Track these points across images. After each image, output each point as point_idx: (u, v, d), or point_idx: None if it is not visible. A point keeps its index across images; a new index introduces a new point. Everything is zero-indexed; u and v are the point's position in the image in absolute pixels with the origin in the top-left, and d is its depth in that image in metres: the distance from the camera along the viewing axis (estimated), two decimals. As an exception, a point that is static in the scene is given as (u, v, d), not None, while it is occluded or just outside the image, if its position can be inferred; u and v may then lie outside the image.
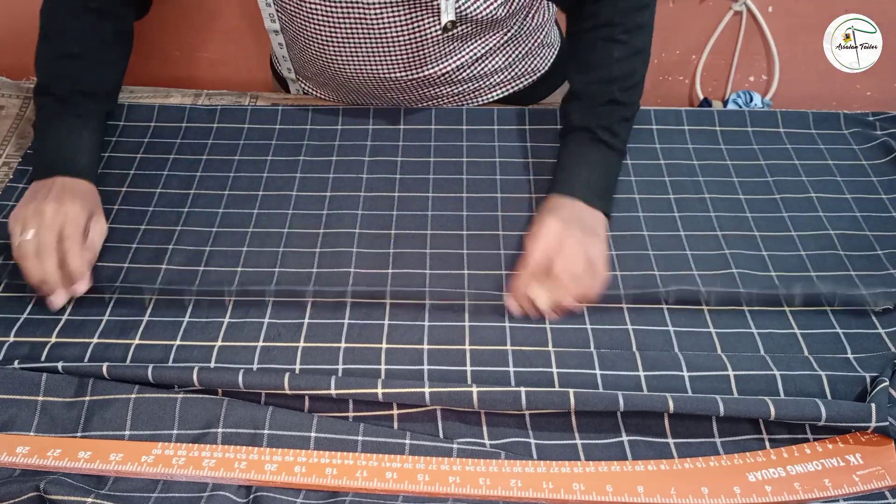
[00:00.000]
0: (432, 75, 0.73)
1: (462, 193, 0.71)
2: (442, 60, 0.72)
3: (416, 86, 0.75)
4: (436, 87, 0.76)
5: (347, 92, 0.79)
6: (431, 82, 0.75)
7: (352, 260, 0.65)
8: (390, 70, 0.72)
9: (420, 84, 0.75)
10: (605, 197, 0.66)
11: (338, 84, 0.77)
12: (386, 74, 0.72)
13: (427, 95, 0.78)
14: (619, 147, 0.67)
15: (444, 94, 0.78)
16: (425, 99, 0.79)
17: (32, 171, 0.67)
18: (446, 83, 0.76)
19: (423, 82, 0.74)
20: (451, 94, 0.79)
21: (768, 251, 0.66)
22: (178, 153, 0.75)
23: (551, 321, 0.60)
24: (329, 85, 0.79)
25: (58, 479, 0.48)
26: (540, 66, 0.82)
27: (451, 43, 0.70)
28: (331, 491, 0.50)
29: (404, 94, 0.77)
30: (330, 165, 0.74)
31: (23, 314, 0.60)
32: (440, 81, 0.75)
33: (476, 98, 0.80)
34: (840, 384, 0.55)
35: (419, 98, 0.78)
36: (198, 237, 0.67)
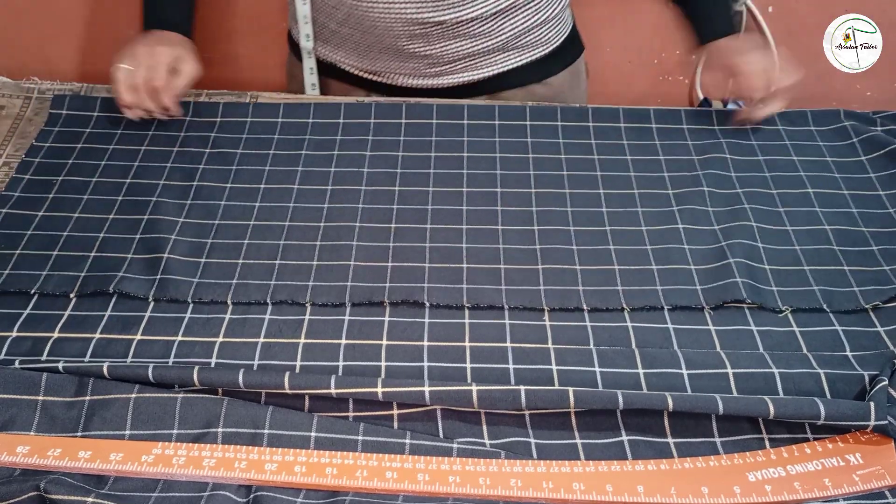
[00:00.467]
0: (457, 19, 0.74)
1: (462, 188, 0.71)
2: (468, 3, 0.73)
3: (439, 35, 0.75)
4: (457, 40, 0.76)
5: (368, 48, 0.79)
6: (454, 32, 0.75)
7: (352, 253, 0.65)
8: (418, 10, 0.72)
9: (443, 33, 0.75)
10: None
11: (361, 34, 0.77)
12: (412, 15, 0.73)
13: (447, 53, 0.78)
14: None
15: (463, 52, 0.78)
16: (444, 58, 0.78)
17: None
18: (467, 36, 0.76)
19: (447, 30, 0.75)
20: (469, 53, 0.78)
21: (764, 244, 0.66)
22: (181, 146, 0.76)
23: (551, 320, 0.60)
24: (349, 41, 0.80)
25: (58, 479, 0.48)
26: (555, 38, 0.83)
27: None
28: (331, 491, 0.50)
29: (426, 43, 0.77)
30: (331, 159, 0.74)
31: (26, 310, 0.61)
32: (462, 33, 0.76)
33: (493, 63, 0.80)
34: (839, 382, 0.55)
35: (438, 57, 0.78)
36: (200, 229, 0.67)
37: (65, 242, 0.66)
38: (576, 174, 0.73)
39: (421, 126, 0.77)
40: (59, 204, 0.70)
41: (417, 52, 0.78)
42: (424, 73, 0.81)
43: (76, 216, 0.69)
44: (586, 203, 0.70)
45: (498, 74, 0.81)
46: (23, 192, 0.71)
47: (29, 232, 0.67)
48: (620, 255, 0.65)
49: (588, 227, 0.68)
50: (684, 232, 0.67)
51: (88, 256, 0.65)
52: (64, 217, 0.68)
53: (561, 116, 0.78)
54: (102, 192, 0.71)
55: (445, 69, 0.80)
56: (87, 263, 0.64)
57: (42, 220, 0.68)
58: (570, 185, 0.72)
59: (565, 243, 0.66)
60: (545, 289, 0.62)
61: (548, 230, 0.68)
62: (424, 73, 0.81)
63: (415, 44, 0.77)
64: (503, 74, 0.81)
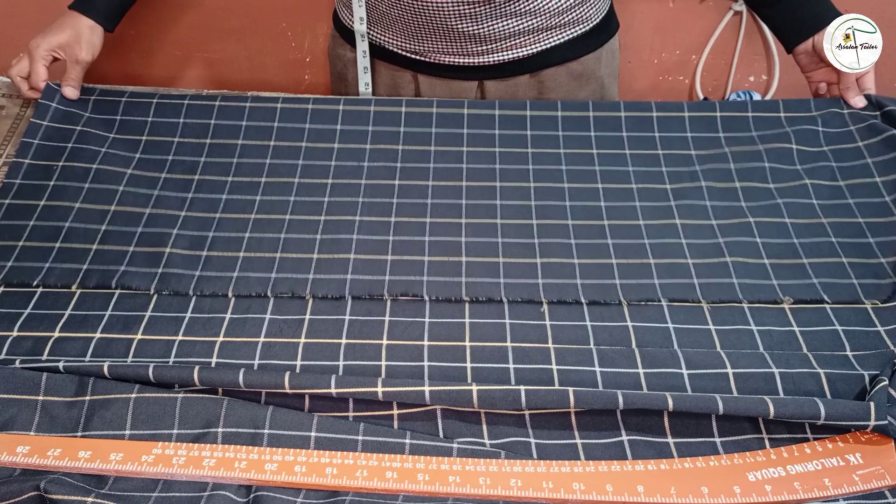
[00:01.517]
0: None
1: (462, 182, 0.72)
2: None
3: (487, 14, 0.76)
4: (504, 19, 0.77)
5: (416, 29, 0.80)
6: (501, 10, 0.76)
7: (352, 246, 0.66)
8: None
9: (492, 12, 0.76)
10: None
11: (410, 15, 0.78)
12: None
13: (494, 32, 0.78)
14: None
15: (509, 30, 0.78)
16: (490, 37, 0.79)
17: None
18: (514, 14, 0.77)
19: (495, 9, 0.75)
20: (515, 31, 0.79)
21: (762, 238, 0.66)
22: (182, 138, 0.76)
23: (551, 319, 0.60)
24: (398, 23, 0.80)
25: (58, 479, 0.48)
26: (595, 16, 0.83)
27: None
28: (331, 490, 0.50)
29: (474, 22, 0.77)
30: (332, 153, 0.74)
31: (26, 309, 0.61)
32: (510, 11, 0.76)
33: (535, 41, 0.81)
34: (839, 382, 0.55)
35: (485, 36, 0.79)
36: (201, 222, 0.68)
37: (66, 235, 0.66)
38: (575, 168, 0.73)
39: (421, 118, 0.78)
40: (61, 192, 0.70)
41: (465, 31, 0.78)
42: (470, 51, 0.81)
43: (78, 206, 0.69)
44: (585, 197, 0.70)
45: (539, 52, 0.82)
46: (24, 180, 0.71)
47: (31, 223, 0.67)
48: (618, 248, 0.66)
49: (586, 221, 0.68)
50: (682, 227, 0.68)
51: (90, 249, 0.65)
52: (65, 207, 0.69)
53: (561, 108, 0.78)
54: (104, 180, 0.71)
55: (490, 48, 0.81)
56: (89, 256, 0.65)
57: (43, 210, 0.68)
58: (569, 180, 0.72)
59: (563, 237, 0.67)
60: (543, 282, 0.63)
61: (546, 224, 0.68)
62: (470, 51, 0.81)
63: (463, 23, 0.77)
64: (544, 52, 0.82)
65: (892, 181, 0.71)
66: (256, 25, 1.16)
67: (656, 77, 1.27)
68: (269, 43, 1.18)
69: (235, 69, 1.21)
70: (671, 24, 1.20)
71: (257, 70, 1.20)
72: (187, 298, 0.62)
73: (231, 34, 1.17)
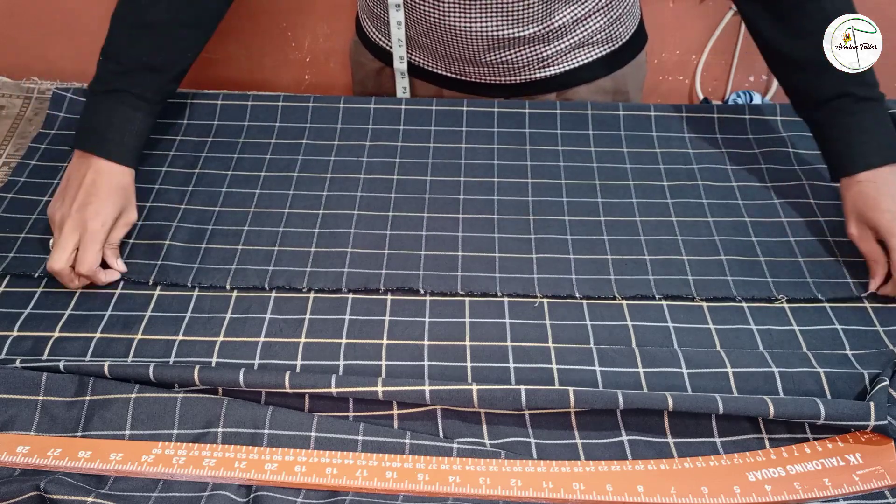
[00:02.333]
0: (536, 33, 0.74)
1: (459, 178, 0.72)
2: (547, 19, 0.73)
3: (516, 44, 0.76)
4: (533, 46, 0.77)
5: (445, 56, 0.80)
6: (531, 40, 0.76)
7: (349, 240, 0.66)
8: (498, 27, 0.73)
9: (520, 42, 0.76)
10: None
11: (440, 45, 0.78)
12: (493, 32, 0.74)
13: (522, 58, 0.78)
14: (879, 96, 0.65)
15: (538, 56, 0.78)
16: (519, 62, 0.79)
17: (76, 138, 0.65)
18: (543, 41, 0.76)
19: (525, 40, 0.75)
20: (544, 56, 0.79)
21: (757, 237, 0.67)
22: (183, 134, 0.76)
23: (551, 318, 0.60)
24: (427, 49, 0.80)
25: (58, 479, 0.48)
26: (625, 34, 0.82)
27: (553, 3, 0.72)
28: (331, 490, 0.50)
29: (504, 52, 0.77)
30: (331, 148, 0.75)
31: (26, 309, 0.61)
32: (539, 41, 0.76)
33: (564, 60, 0.80)
34: (839, 381, 0.55)
35: (514, 62, 0.78)
36: (200, 215, 0.68)
37: None
38: (572, 165, 0.74)
39: (420, 115, 0.78)
40: None
41: (495, 60, 0.78)
42: (498, 73, 0.81)
43: None
44: (581, 193, 0.71)
45: (569, 70, 0.82)
46: (28, 178, 0.72)
47: (33, 216, 0.68)
48: (614, 244, 0.66)
49: (583, 217, 0.69)
50: (678, 224, 0.68)
51: None
52: None
53: (560, 106, 0.79)
54: None
55: (520, 71, 0.80)
56: None
57: (46, 206, 0.68)
58: (566, 176, 0.72)
59: (560, 233, 0.67)
60: (538, 277, 0.63)
61: (543, 220, 0.68)
62: (498, 73, 0.81)
63: (492, 55, 0.77)
64: (574, 70, 0.82)
65: None
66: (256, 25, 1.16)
67: (656, 77, 1.28)
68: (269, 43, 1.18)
69: (235, 69, 1.22)
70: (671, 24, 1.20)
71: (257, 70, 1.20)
72: (187, 298, 0.62)
73: (231, 34, 1.17)
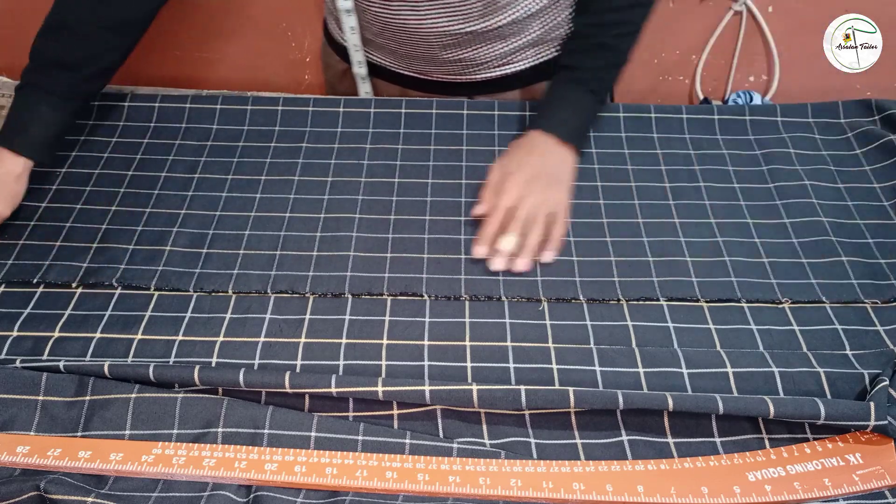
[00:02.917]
0: (488, 28, 0.74)
1: (461, 180, 0.72)
2: (498, 14, 0.73)
3: (470, 41, 0.76)
4: (489, 43, 0.77)
5: (403, 55, 0.80)
6: (485, 37, 0.76)
7: (351, 244, 0.66)
8: (449, 22, 0.73)
9: (475, 39, 0.76)
10: (579, 136, 0.69)
11: (397, 44, 0.78)
12: (444, 28, 0.74)
13: (480, 56, 0.78)
14: (598, 91, 0.70)
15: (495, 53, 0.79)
16: (477, 60, 0.79)
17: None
18: (499, 38, 0.77)
19: (478, 36, 0.76)
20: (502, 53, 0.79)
21: (761, 238, 0.67)
22: (182, 138, 0.76)
23: (551, 318, 0.60)
24: (386, 49, 0.81)
25: (58, 479, 0.48)
26: None
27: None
28: (331, 490, 0.50)
29: (459, 49, 0.77)
30: (332, 152, 0.75)
31: (26, 309, 0.61)
32: (494, 37, 0.76)
33: (525, 57, 0.80)
34: (839, 381, 0.55)
35: (472, 59, 0.79)
36: (201, 220, 0.68)
37: (67, 233, 0.67)
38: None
39: (420, 118, 0.78)
40: (62, 195, 0.70)
41: (451, 58, 0.79)
42: (459, 72, 0.81)
43: (79, 207, 0.69)
44: (583, 195, 0.71)
45: (530, 67, 0.82)
46: None
47: (32, 223, 0.68)
48: (617, 246, 0.66)
49: (585, 219, 0.68)
50: (680, 225, 0.68)
51: (91, 248, 0.66)
52: (67, 208, 0.69)
53: None
54: (105, 183, 0.72)
55: (479, 68, 0.81)
56: (89, 254, 0.65)
57: (45, 212, 0.69)
58: None
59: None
60: (542, 279, 0.63)
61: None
62: (459, 72, 0.81)
63: (448, 52, 0.78)
64: (535, 67, 0.82)
65: (890, 187, 0.71)
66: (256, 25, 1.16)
67: (656, 77, 1.27)
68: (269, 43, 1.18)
69: (235, 69, 1.21)
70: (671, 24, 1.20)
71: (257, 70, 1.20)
72: (187, 298, 0.62)
73: (231, 34, 1.17)
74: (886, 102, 0.77)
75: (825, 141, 0.76)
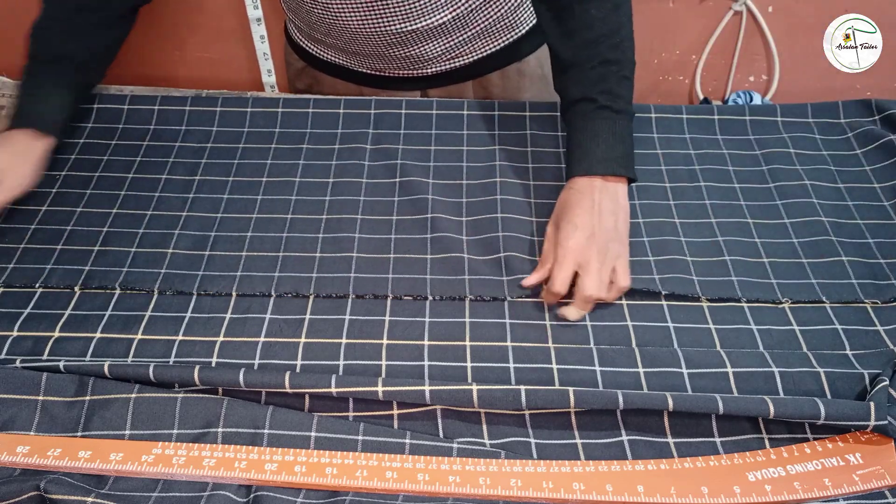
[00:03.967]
0: (429, 26, 0.75)
1: (462, 180, 0.72)
2: (438, 12, 0.73)
3: (414, 39, 0.77)
4: (433, 40, 0.77)
5: (353, 54, 0.81)
6: (428, 34, 0.76)
7: (354, 245, 0.66)
8: (389, 22, 0.73)
9: (418, 37, 0.76)
10: (625, 163, 0.64)
11: (344, 43, 0.79)
12: (385, 27, 0.74)
13: (426, 52, 0.79)
14: (623, 108, 0.65)
15: (441, 48, 0.79)
16: (424, 56, 0.80)
17: None
18: (442, 34, 0.77)
19: (421, 34, 0.76)
20: (448, 48, 0.79)
21: (761, 238, 0.67)
22: (182, 140, 0.76)
23: (552, 318, 0.60)
24: (335, 48, 0.81)
25: (58, 479, 0.48)
26: (530, 18, 0.82)
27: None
28: (331, 490, 0.50)
29: (405, 47, 0.78)
30: (333, 153, 0.75)
31: (26, 308, 0.61)
32: (437, 34, 0.76)
33: (472, 50, 0.81)
34: (839, 381, 0.55)
35: (419, 56, 0.79)
36: (203, 223, 0.68)
37: (69, 237, 0.67)
38: None
39: (421, 119, 0.78)
40: (63, 199, 0.70)
41: (398, 54, 0.79)
42: (411, 68, 0.82)
43: (79, 211, 0.69)
44: None
45: (479, 59, 0.82)
46: None
47: (33, 226, 0.68)
48: None
49: None
50: (680, 225, 0.68)
51: (92, 251, 0.65)
52: (68, 212, 0.69)
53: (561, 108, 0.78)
54: (105, 186, 0.72)
55: (429, 63, 0.81)
56: (90, 258, 0.65)
57: (45, 215, 0.69)
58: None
59: None
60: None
61: (546, 222, 0.68)
62: (411, 68, 0.82)
63: (395, 49, 0.78)
64: (483, 59, 0.82)
65: (890, 187, 0.71)
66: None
67: (656, 77, 1.27)
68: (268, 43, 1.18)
69: (235, 69, 1.22)
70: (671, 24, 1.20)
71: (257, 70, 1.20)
72: (188, 298, 0.62)
73: (231, 34, 1.17)
74: (886, 102, 0.77)
75: (825, 141, 0.76)
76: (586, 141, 0.65)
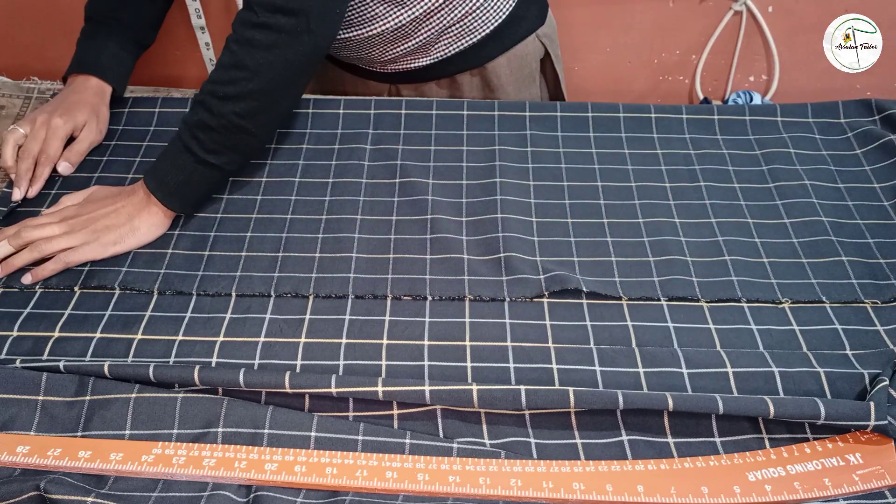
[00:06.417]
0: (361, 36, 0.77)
1: (462, 181, 0.72)
2: (370, 24, 0.75)
3: (358, 46, 0.79)
4: (378, 48, 0.79)
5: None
6: (369, 44, 0.78)
7: (354, 245, 0.66)
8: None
9: (360, 45, 0.78)
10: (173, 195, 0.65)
11: None
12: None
13: (378, 57, 0.81)
14: (193, 150, 0.64)
15: (392, 54, 0.80)
16: (380, 59, 0.81)
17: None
18: (385, 44, 0.79)
19: (362, 43, 0.78)
20: (399, 54, 0.80)
21: (761, 238, 0.67)
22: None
23: (552, 318, 0.60)
24: None
25: (58, 479, 0.48)
26: (482, 28, 0.81)
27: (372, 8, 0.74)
28: (331, 490, 0.50)
29: (352, 52, 0.81)
30: (332, 153, 0.75)
31: (26, 308, 0.61)
32: (377, 43, 0.78)
33: (429, 53, 0.81)
34: (839, 381, 0.55)
35: (372, 59, 0.81)
36: (202, 222, 0.68)
37: None
38: (574, 167, 0.73)
39: (421, 119, 0.78)
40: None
41: (351, 56, 0.81)
42: (376, 64, 0.83)
43: None
44: (584, 195, 0.71)
45: (443, 60, 0.82)
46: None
47: None
48: (617, 246, 0.66)
49: (586, 219, 0.69)
50: (681, 225, 0.68)
51: None
52: None
53: (560, 109, 0.79)
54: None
55: (385, 65, 0.83)
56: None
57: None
58: (569, 178, 0.72)
59: (563, 235, 0.67)
60: (545, 277, 0.63)
61: (546, 223, 0.68)
62: (376, 64, 0.83)
63: (344, 52, 0.81)
64: (449, 59, 0.82)
65: (890, 187, 0.71)
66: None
67: (656, 77, 1.28)
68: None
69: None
70: (671, 24, 1.20)
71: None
72: (188, 298, 0.62)
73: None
74: (886, 102, 0.77)
75: (825, 141, 0.76)
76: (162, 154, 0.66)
